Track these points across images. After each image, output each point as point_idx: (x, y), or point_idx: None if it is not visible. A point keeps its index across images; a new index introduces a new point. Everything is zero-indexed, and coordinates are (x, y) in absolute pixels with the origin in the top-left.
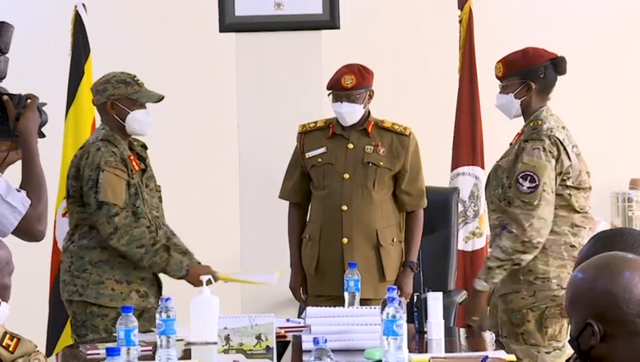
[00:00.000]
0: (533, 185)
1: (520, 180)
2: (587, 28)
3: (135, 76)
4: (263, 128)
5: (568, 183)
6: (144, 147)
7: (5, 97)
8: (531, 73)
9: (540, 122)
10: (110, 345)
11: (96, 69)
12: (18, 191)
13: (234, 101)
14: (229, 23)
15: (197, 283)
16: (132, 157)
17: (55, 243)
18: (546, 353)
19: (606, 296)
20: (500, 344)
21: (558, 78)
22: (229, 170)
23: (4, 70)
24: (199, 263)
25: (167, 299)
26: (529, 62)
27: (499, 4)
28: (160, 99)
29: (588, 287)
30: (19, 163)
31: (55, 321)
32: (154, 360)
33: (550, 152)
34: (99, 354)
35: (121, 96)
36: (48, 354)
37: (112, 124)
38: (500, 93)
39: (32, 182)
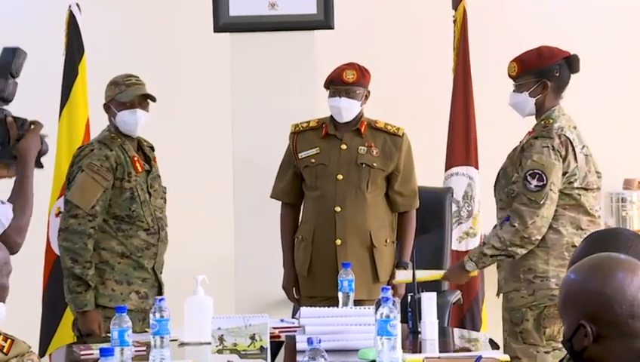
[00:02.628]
0: (541, 183)
1: (528, 178)
2: (581, 29)
3: (127, 76)
4: (257, 128)
5: (575, 184)
6: (152, 148)
7: (10, 119)
8: (547, 72)
9: (551, 121)
10: (104, 345)
11: (90, 70)
12: (2, 203)
13: (228, 101)
14: (223, 23)
15: (84, 328)
16: (136, 158)
17: (48, 243)
18: (545, 352)
19: (599, 296)
20: (494, 344)
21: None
22: (223, 169)
23: (13, 93)
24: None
25: (160, 300)
26: (544, 61)
27: (493, 5)
28: (143, 96)
29: (580, 288)
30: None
31: (48, 322)
32: (148, 360)
33: (559, 152)
34: (92, 354)
35: (111, 98)
36: (41, 354)
37: (112, 124)
38: (515, 91)
39: (19, 199)
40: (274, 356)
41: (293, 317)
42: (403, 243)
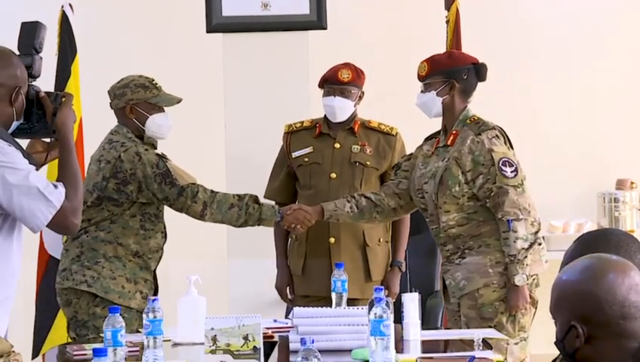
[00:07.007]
0: (514, 167)
1: (502, 168)
2: (573, 29)
3: (153, 80)
4: (250, 128)
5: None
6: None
7: (42, 93)
8: (455, 73)
9: (476, 117)
10: (97, 345)
11: (82, 70)
12: (55, 186)
13: (221, 101)
14: (216, 24)
15: (290, 227)
16: None
17: (42, 243)
18: (515, 344)
19: (590, 298)
20: (487, 344)
21: (542, 80)
22: (216, 169)
23: (39, 69)
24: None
25: (154, 300)
26: (454, 62)
27: (486, 5)
28: (178, 101)
29: (572, 289)
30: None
31: (42, 322)
32: (141, 360)
33: (504, 138)
34: (85, 354)
35: (139, 101)
36: (35, 354)
37: (132, 127)
38: (422, 92)
39: (68, 176)
40: (267, 356)
41: (286, 318)
42: (396, 242)
